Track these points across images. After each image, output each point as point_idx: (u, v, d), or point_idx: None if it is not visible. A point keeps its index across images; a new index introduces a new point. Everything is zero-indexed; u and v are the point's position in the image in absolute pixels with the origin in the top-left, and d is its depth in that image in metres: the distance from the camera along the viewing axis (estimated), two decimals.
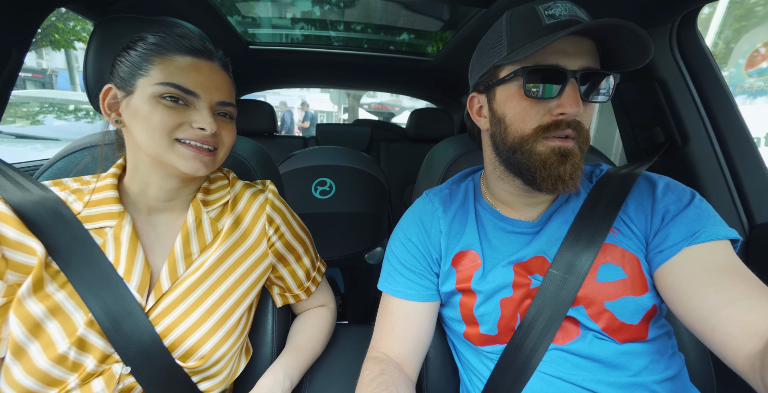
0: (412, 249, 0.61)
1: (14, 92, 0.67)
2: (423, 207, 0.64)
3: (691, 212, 0.49)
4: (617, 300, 0.50)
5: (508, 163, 0.53)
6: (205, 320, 0.51)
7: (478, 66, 0.55)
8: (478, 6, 1.13)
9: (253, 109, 1.93)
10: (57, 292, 0.46)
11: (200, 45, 0.52)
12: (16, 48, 0.62)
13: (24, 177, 0.51)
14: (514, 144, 0.50)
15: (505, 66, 0.50)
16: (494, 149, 0.55)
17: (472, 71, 0.58)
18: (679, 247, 0.48)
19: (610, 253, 0.51)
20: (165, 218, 0.56)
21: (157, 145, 0.49)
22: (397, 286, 0.60)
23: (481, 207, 0.61)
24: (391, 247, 0.64)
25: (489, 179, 0.60)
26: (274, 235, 0.61)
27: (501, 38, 0.50)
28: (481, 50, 0.55)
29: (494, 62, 0.50)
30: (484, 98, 0.54)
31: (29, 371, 0.43)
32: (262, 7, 1.46)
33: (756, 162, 0.78)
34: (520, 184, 0.54)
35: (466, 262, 0.57)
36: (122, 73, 0.50)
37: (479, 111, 0.56)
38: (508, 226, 0.57)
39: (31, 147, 2.11)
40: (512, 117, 0.50)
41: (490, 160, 0.57)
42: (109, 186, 0.53)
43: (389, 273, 0.62)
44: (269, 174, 0.74)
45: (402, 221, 0.66)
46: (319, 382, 0.63)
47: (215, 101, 0.51)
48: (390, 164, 2.08)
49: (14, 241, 0.45)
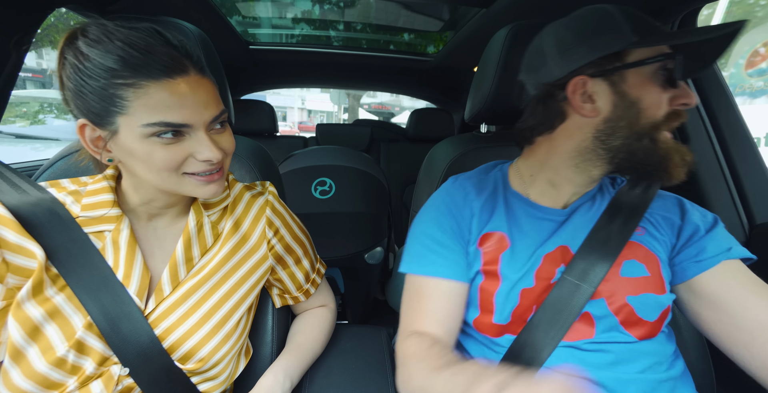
0: (446, 227, 0.60)
1: (14, 92, 0.67)
2: (455, 190, 0.64)
3: (720, 231, 0.55)
4: (639, 295, 0.52)
5: (620, 150, 0.51)
6: (204, 323, 0.51)
7: (584, 51, 0.51)
8: (478, 6, 1.13)
9: (253, 109, 1.93)
10: (56, 296, 0.46)
11: (167, 57, 0.42)
12: (16, 48, 0.62)
13: (21, 178, 0.51)
14: (644, 129, 0.49)
15: (634, 51, 0.49)
16: (597, 136, 0.52)
17: (564, 57, 0.53)
18: (718, 259, 0.52)
19: (635, 251, 0.54)
20: (165, 222, 0.55)
21: (167, 182, 0.47)
22: (434, 265, 0.58)
23: (511, 195, 0.61)
24: (420, 228, 0.62)
25: (546, 167, 0.59)
26: (273, 238, 0.61)
27: (616, 25, 0.49)
28: (580, 36, 0.52)
29: (621, 46, 0.48)
30: (601, 82, 0.51)
31: (28, 375, 0.43)
32: (262, 7, 1.46)
33: (756, 162, 0.78)
34: (597, 174, 0.55)
35: (493, 244, 0.57)
36: (91, 107, 0.42)
37: (585, 97, 0.53)
38: (538, 213, 0.59)
39: (31, 147, 2.11)
40: (649, 102, 0.49)
41: (576, 147, 0.54)
42: (106, 189, 0.51)
43: (421, 254, 0.59)
44: (269, 174, 0.74)
45: (431, 203, 0.64)
46: (319, 382, 0.63)
47: (207, 121, 0.46)
48: (390, 164, 2.08)
49: (14, 244, 0.44)
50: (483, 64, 0.74)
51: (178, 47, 0.44)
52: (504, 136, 0.82)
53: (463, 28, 1.34)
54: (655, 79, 0.49)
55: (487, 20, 1.15)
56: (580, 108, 0.52)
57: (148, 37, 0.43)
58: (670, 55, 0.49)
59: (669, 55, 0.49)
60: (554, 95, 0.54)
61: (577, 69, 0.51)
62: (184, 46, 0.45)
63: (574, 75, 0.52)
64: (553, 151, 0.57)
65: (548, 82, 0.54)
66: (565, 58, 0.52)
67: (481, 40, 0.78)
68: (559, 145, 0.56)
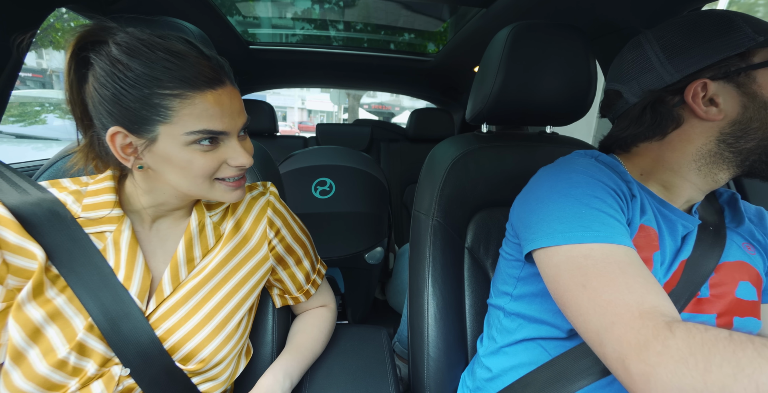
0: (618, 197, 0.51)
1: (14, 92, 0.67)
2: (597, 164, 0.55)
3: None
4: (745, 318, 0.52)
5: (752, 152, 0.50)
6: (205, 324, 0.51)
7: (700, 54, 0.50)
8: (478, 6, 1.13)
9: (254, 109, 1.93)
10: (57, 297, 0.46)
11: (209, 69, 0.45)
12: (17, 48, 0.62)
13: (21, 177, 0.50)
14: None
15: (760, 51, 0.49)
16: (723, 139, 0.51)
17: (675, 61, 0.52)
18: None
19: (748, 272, 0.53)
20: (167, 223, 0.55)
21: (199, 188, 0.49)
22: (612, 233, 0.45)
23: (640, 186, 0.56)
24: (586, 193, 0.49)
25: (664, 168, 0.55)
26: (275, 239, 0.61)
27: (735, 26, 0.49)
28: (693, 39, 0.51)
29: (748, 46, 0.48)
30: (725, 85, 0.50)
31: (29, 377, 0.42)
32: (262, 7, 1.46)
33: None
34: (723, 177, 0.52)
35: (646, 241, 0.51)
36: (130, 115, 0.43)
37: (707, 100, 0.51)
38: (672, 215, 0.54)
39: (31, 146, 2.11)
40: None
41: (697, 151, 0.52)
42: (108, 189, 0.51)
43: (595, 221, 0.46)
44: (269, 174, 0.74)
45: (584, 170, 0.53)
46: (319, 382, 0.63)
47: (239, 128, 0.49)
48: (390, 164, 2.08)
49: (14, 245, 0.44)
50: (484, 64, 0.74)
51: (212, 58, 0.46)
52: (505, 136, 0.82)
53: (463, 28, 1.34)
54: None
55: (487, 20, 1.15)
56: (704, 112, 0.50)
57: (186, 48, 0.44)
58: None
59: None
60: (666, 101, 0.53)
61: (693, 73, 0.50)
62: (215, 56, 0.47)
63: (690, 79, 0.50)
64: (668, 155, 0.54)
65: (657, 88, 0.53)
66: (676, 63, 0.51)
67: (482, 40, 0.78)
68: (677, 149, 0.53)
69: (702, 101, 0.50)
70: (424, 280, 0.72)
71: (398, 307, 1.55)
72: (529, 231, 0.51)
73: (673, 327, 0.37)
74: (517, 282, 0.60)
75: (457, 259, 0.73)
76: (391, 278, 1.59)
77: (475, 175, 0.74)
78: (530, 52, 0.68)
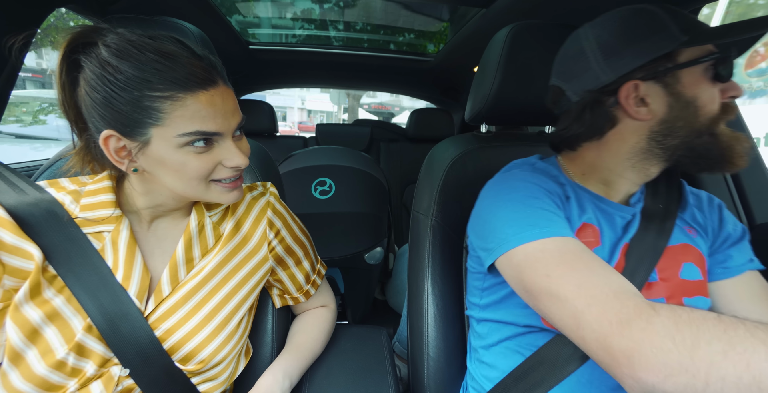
0: (554, 198, 0.54)
1: (14, 92, 0.67)
2: (534, 171, 0.59)
3: (746, 242, 0.58)
4: (693, 298, 0.53)
5: (678, 148, 0.52)
6: (205, 325, 0.51)
7: (632, 55, 0.51)
8: (478, 6, 1.13)
9: (253, 109, 1.93)
10: (55, 298, 0.45)
11: (200, 70, 0.43)
12: (9, 49, 0.62)
13: (19, 177, 0.50)
14: (703, 126, 0.50)
15: (684, 51, 0.50)
16: (653, 137, 0.52)
17: (610, 62, 0.52)
18: (743, 269, 0.56)
19: (691, 253, 0.55)
20: (165, 223, 0.55)
21: (195, 190, 0.48)
22: (558, 227, 0.48)
23: (578, 187, 0.58)
24: (526, 195, 0.53)
25: (598, 168, 0.57)
26: (275, 239, 0.61)
27: (663, 25, 0.49)
28: (625, 38, 0.52)
29: (672, 47, 0.48)
30: (653, 85, 0.51)
31: (27, 377, 0.42)
32: (262, 7, 1.46)
33: (756, 162, 0.78)
34: (654, 171, 0.55)
35: (587, 236, 0.54)
36: (122, 118, 0.42)
37: (638, 100, 0.52)
38: (609, 208, 0.57)
39: (31, 147, 2.11)
40: (705, 99, 0.49)
41: (631, 149, 0.54)
42: (106, 189, 0.51)
43: (540, 217, 0.49)
44: (269, 174, 0.74)
45: (521, 177, 0.56)
46: (318, 382, 0.63)
47: (234, 129, 0.48)
48: (390, 164, 2.08)
49: (11, 245, 0.44)
50: (483, 64, 0.74)
51: (203, 58, 0.45)
52: (505, 136, 0.82)
53: (463, 28, 1.34)
54: (706, 75, 0.50)
55: (487, 20, 1.15)
56: (635, 112, 0.51)
57: (177, 48, 0.43)
58: (723, 52, 0.49)
59: (721, 52, 0.49)
60: (602, 101, 0.54)
61: (626, 74, 0.51)
62: (207, 56, 0.46)
63: (624, 80, 0.51)
64: (605, 155, 0.56)
65: (594, 89, 0.53)
66: (611, 64, 0.52)
67: (481, 40, 0.78)
68: (612, 149, 0.55)
69: (634, 101, 0.52)
70: (423, 280, 0.72)
71: (398, 307, 1.55)
72: (486, 242, 0.53)
73: (655, 306, 0.37)
74: (482, 292, 0.62)
75: (456, 259, 0.73)
76: (390, 278, 1.59)
77: (474, 175, 0.74)
78: (529, 53, 0.68)
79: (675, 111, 0.50)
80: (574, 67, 0.56)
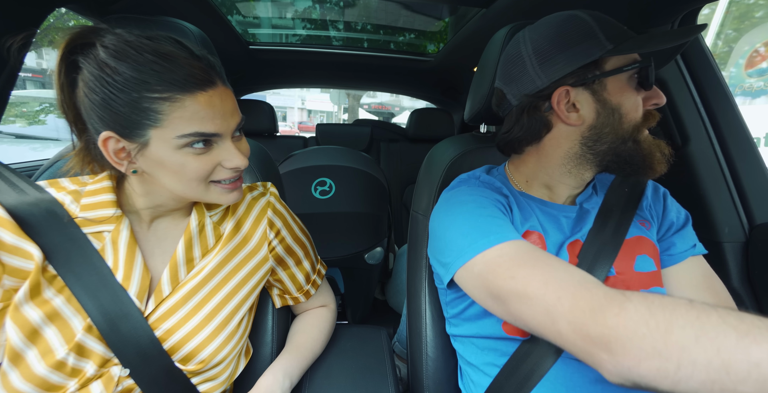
0: (499, 206, 0.55)
1: (14, 92, 0.67)
2: (480, 185, 0.61)
3: (689, 228, 0.60)
4: (650, 289, 0.54)
5: (606, 154, 0.53)
6: (205, 325, 0.51)
7: (564, 62, 0.52)
8: (478, 6, 1.13)
9: (253, 109, 1.93)
10: (55, 298, 0.45)
11: (198, 70, 0.43)
12: (16, 48, 0.62)
13: (19, 177, 0.50)
14: (626, 133, 0.51)
15: (610, 59, 0.51)
16: (584, 142, 0.53)
17: (544, 67, 0.53)
18: (686, 255, 0.59)
19: (645, 245, 0.57)
20: (166, 223, 0.55)
21: (194, 191, 0.48)
22: (510, 232, 0.50)
23: (522, 195, 0.60)
24: (475, 206, 0.54)
25: (539, 174, 0.59)
26: (275, 239, 0.61)
27: (592, 33, 0.50)
28: (558, 44, 0.52)
29: (599, 55, 0.50)
30: (582, 91, 0.52)
31: (27, 377, 0.42)
32: (262, 7, 1.46)
33: (756, 162, 0.78)
34: (589, 176, 0.57)
35: (533, 243, 0.55)
36: (120, 120, 0.42)
37: (569, 106, 0.53)
38: (553, 210, 0.59)
39: (30, 147, 2.11)
40: (629, 106, 0.51)
41: (566, 154, 0.55)
42: (106, 189, 0.51)
43: (491, 225, 0.50)
44: (269, 174, 0.74)
45: (468, 191, 0.58)
46: (318, 382, 0.63)
47: (233, 129, 0.48)
48: (390, 164, 2.08)
49: (11, 245, 0.43)
50: (482, 64, 0.74)
51: (202, 58, 0.45)
52: None
53: (463, 28, 1.34)
54: (630, 83, 0.52)
55: (487, 20, 1.15)
56: (566, 117, 0.53)
57: (175, 49, 0.43)
58: (645, 62, 0.51)
59: (644, 62, 0.51)
60: (538, 106, 0.55)
61: (559, 79, 0.52)
62: (206, 56, 0.46)
63: (556, 85, 0.53)
64: (543, 160, 0.58)
65: (531, 93, 0.55)
66: (545, 69, 0.53)
67: (481, 40, 0.78)
68: (549, 154, 0.57)
69: (565, 107, 0.53)
70: (422, 280, 0.72)
71: (398, 307, 1.55)
72: (443, 256, 0.53)
73: (626, 293, 0.37)
74: (446, 306, 0.65)
75: None
76: (390, 278, 1.59)
77: None
78: None
79: (602, 117, 0.52)
80: (513, 70, 0.57)
